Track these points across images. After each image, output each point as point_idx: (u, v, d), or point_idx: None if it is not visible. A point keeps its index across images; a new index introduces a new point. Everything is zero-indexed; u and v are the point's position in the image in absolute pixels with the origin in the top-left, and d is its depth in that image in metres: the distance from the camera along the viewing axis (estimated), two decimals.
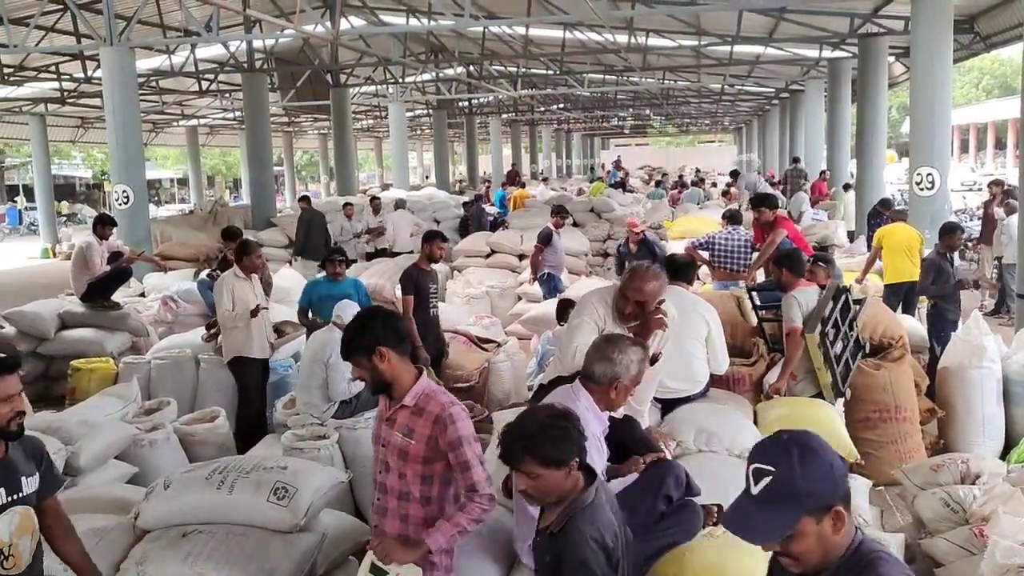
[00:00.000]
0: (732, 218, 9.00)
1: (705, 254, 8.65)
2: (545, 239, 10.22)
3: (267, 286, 8.64)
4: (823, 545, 1.86)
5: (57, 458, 4.53)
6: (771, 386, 5.29)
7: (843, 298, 5.50)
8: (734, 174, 21.52)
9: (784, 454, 1.87)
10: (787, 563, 1.90)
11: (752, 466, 1.91)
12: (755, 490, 1.87)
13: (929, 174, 10.77)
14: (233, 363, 6.74)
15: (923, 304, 8.23)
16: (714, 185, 25.83)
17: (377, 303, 10.47)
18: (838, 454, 1.92)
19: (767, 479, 1.86)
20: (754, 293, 6.23)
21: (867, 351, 5.63)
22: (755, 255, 8.50)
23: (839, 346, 5.32)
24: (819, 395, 5.29)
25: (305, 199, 14.88)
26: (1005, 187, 11.97)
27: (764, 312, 5.97)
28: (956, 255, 7.74)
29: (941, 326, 7.19)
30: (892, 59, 17.37)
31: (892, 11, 14.36)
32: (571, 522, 2.65)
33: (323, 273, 7.68)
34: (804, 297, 5.45)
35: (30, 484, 2.96)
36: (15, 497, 2.88)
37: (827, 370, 5.21)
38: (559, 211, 10.97)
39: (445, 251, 7.36)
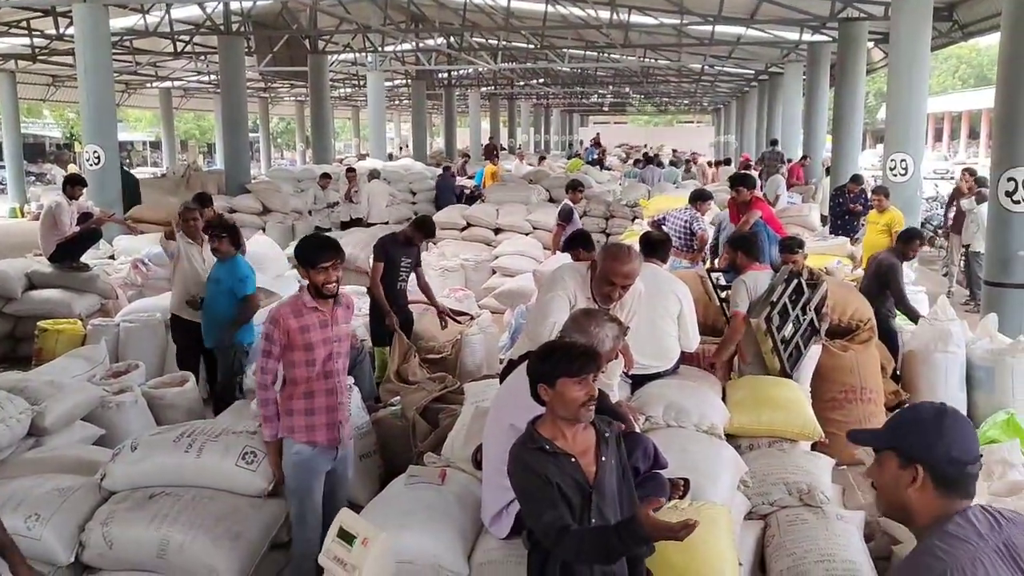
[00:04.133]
0: (692, 198, 8.96)
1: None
2: (566, 216, 9.74)
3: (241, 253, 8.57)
4: (896, 490, 1.98)
5: (23, 418, 4.49)
6: (706, 360, 5.37)
7: (795, 282, 5.54)
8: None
9: (927, 406, 2.06)
10: (876, 498, 2.10)
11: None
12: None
13: (903, 160, 10.88)
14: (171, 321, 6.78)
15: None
16: (695, 163, 25.81)
17: (349, 272, 10.46)
18: (953, 445, 1.96)
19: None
20: (718, 274, 6.27)
21: (822, 334, 5.68)
22: (694, 237, 8.55)
23: (789, 329, 5.37)
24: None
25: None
26: (976, 176, 12.10)
27: (724, 292, 6.01)
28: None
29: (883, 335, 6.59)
30: (871, 45, 17.44)
31: None
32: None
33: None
34: (753, 281, 5.49)
35: None
36: None
37: (774, 356, 5.27)
38: (576, 186, 10.49)
39: (425, 245, 7.18)
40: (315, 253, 3.84)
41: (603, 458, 2.84)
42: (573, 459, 2.81)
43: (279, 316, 3.84)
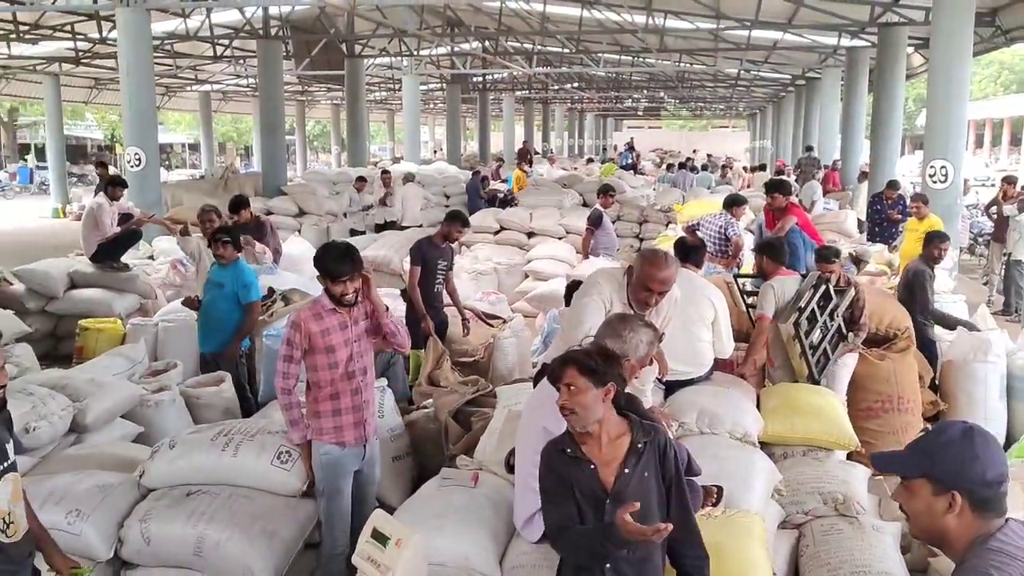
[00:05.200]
0: (726, 203, 8.88)
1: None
2: (596, 220, 9.79)
3: (276, 254, 8.67)
4: (931, 517, 1.93)
5: (64, 414, 4.58)
6: (735, 371, 5.32)
7: (823, 288, 5.49)
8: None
9: (951, 427, 1.98)
10: (906, 520, 2.03)
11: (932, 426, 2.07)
12: (916, 438, 2.04)
13: (943, 167, 10.72)
14: None
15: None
16: (730, 168, 25.57)
17: (382, 274, 10.56)
18: (987, 462, 1.93)
19: (922, 434, 2.03)
20: (745, 281, 6.22)
21: (850, 341, 5.61)
22: (728, 242, 8.44)
23: (817, 334, 5.31)
24: (794, 383, 5.31)
25: (103, 164, 14.88)
26: (1020, 185, 11.93)
27: (751, 299, 5.96)
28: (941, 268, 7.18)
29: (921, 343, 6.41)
30: (911, 50, 17.23)
31: (913, 1, 14.22)
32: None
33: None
34: (781, 286, 5.44)
35: (11, 451, 2.92)
36: (4, 465, 2.86)
37: (802, 361, 5.22)
38: (606, 190, 10.47)
39: (463, 235, 7.31)
40: (335, 267, 3.88)
41: (627, 469, 2.82)
42: (592, 466, 2.83)
43: (300, 321, 3.91)
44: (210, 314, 6.14)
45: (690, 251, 5.52)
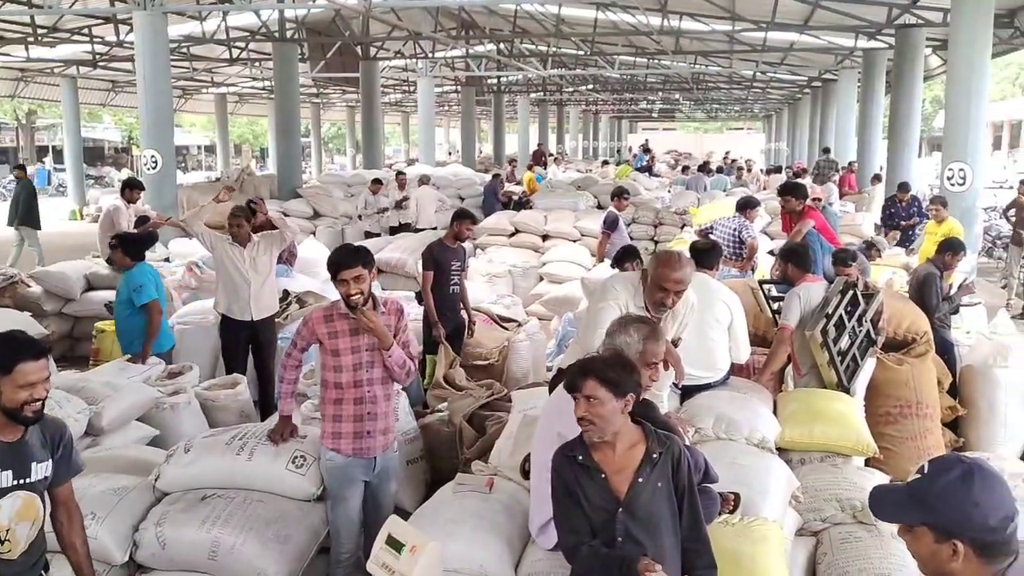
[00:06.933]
0: (739, 206, 8.81)
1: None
2: (611, 224, 9.75)
3: (291, 256, 8.69)
4: (937, 563, 1.87)
5: (80, 417, 4.59)
6: (753, 379, 5.25)
7: (851, 293, 5.42)
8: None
9: (950, 469, 1.89)
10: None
11: (928, 462, 1.96)
12: (912, 478, 1.94)
13: (961, 169, 10.64)
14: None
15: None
16: (750, 170, 25.39)
17: (397, 276, 10.58)
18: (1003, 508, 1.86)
19: (918, 475, 1.93)
20: (770, 285, 6.16)
21: (878, 345, 5.54)
22: (743, 245, 8.35)
23: (845, 341, 5.25)
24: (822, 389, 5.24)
25: (21, 168, 15.11)
26: None
27: (776, 304, 5.90)
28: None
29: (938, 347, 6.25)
30: (928, 51, 17.10)
31: (931, 2, 14.11)
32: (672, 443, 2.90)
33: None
34: (807, 293, 5.37)
35: (40, 470, 2.84)
36: (21, 482, 2.78)
37: (831, 369, 5.15)
38: (620, 193, 10.43)
39: (473, 232, 7.28)
40: (333, 266, 3.84)
41: (640, 479, 2.79)
42: (603, 475, 2.80)
43: (310, 318, 3.97)
44: (117, 322, 6.34)
45: (703, 254, 5.47)
